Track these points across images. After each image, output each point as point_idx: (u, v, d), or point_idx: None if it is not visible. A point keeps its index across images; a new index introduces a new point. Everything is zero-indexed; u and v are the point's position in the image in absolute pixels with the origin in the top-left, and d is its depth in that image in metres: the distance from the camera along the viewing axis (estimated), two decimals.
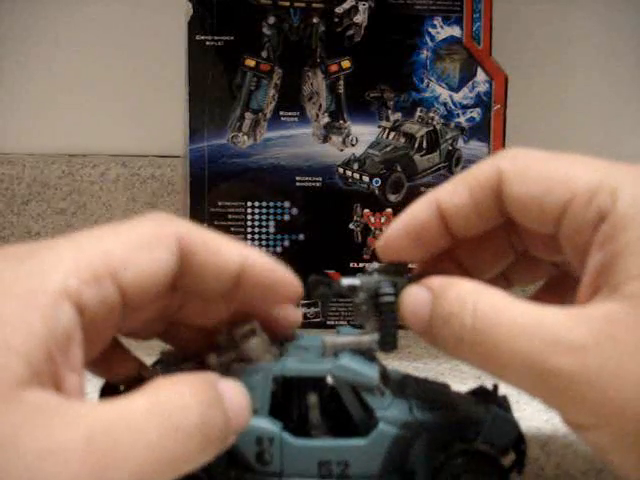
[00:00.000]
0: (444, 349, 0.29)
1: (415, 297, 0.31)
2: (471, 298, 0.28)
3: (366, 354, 0.34)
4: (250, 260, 0.29)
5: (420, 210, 0.32)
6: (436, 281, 0.30)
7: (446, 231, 0.31)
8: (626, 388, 0.24)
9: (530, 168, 0.29)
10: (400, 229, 0.32)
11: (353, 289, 0.34)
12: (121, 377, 0.32)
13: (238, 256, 0.29)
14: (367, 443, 0.33)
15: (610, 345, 0.25)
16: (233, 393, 0.27)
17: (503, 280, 0.35)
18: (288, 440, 0.33)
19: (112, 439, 0.22)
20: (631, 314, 0.25)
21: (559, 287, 0.35)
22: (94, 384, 0.36)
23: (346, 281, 0.34)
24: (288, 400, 0.35)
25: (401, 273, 0.34)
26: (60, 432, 0.22)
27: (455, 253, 0.33)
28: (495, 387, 0.38)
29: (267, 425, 0.33)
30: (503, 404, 0.37)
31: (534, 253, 0.33)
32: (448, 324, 0.28)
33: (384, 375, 0.35)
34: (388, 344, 0.34)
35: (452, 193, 0.31)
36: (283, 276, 0.31)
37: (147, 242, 0.27)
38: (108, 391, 0.34)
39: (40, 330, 0.23)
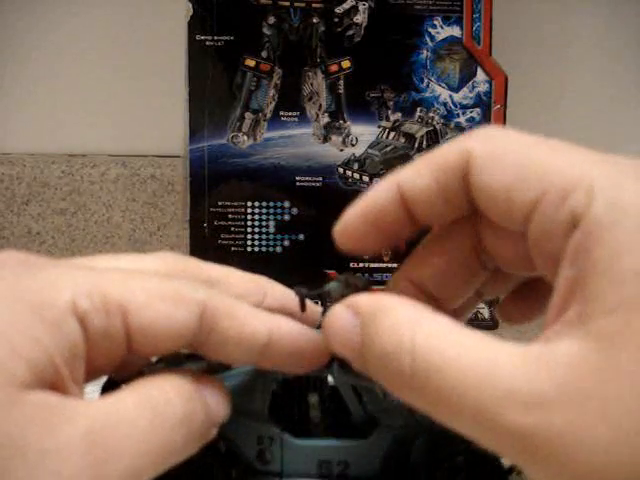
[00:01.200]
0: (382, 383, 0.24)
1: (340, 322, 0.25)
2: (408, 333, 0.23)
3: None
4: (277, 333, 0.27)
5: (380, 193, 0.28)
6: (364, 302, 0.25)
7: (409, 218, 0.27)
8: (595, 452, 0.20)
9: (503, 153, 0.25)
10: (358, 214, 0.29)
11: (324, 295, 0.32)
12: (124, 374, 0.32)
13: (265, 329, 0.27)
14: (367, 443, 0.33)
15: (576, 400, 0.20)
16: (212, 387, 0.27)
17: (474, 294, 0.31)
18: (288, 440, 0.33)
19: (109, 434, 0.23)
20: (601, 361, 0.20)
21: (531, 293, 0.31)
22: (94, 383, 0.36)
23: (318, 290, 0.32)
24: (289, 400, 0.35)
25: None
26: (61, 430, 0.22)
27: (422, 281, 0.29)
28: None
29: (267, 424, 0.33)
30: None
31: (507, 270, 0.28)
32: (383, 364, 0.23)
33: None
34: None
35: (415, 175, 0.27)
36: (311, 344, 0.29)
37: (171, 300, 0.25)
38: (110, 388, 0.34)
39: (46, 342, 0.23)
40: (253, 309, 0.28)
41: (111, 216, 0.72)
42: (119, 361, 0.27)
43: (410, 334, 0.23)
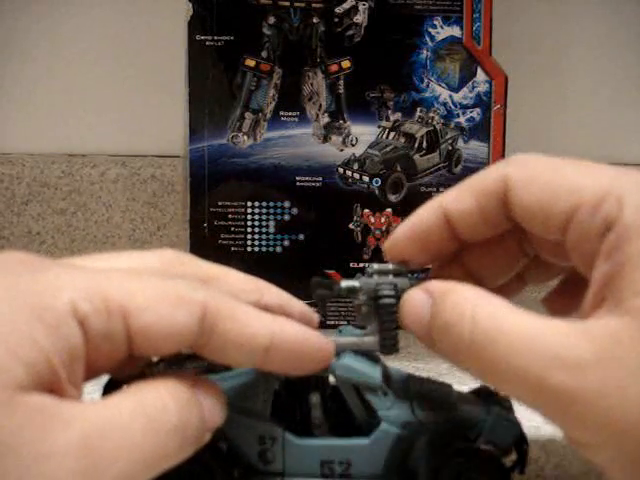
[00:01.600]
0: (444, 357, 0.28)
1: (415, 301, 0.30)
2: (470, 307, 0.27)
3: (368, 354, 0.34)
4: (279, 336, 0.28)
5: (426, 214, 0.31)
6: (436, 285, 0.29)
7: (452, 236, 0.31)
8: (628, 409, 0.24)
9: (537, 175, 0.28)
10: (406, 232, 0.32)
11: (353, 290, 0.34)
12: (125, 374, 0.32)
13: (267, 332, 0.27)
14: (369, 443, 0.33)
15: (612, 364, 0.24)
16: (208, 391, 0.27)
17: (517, 280, 0.34)
18: (290, 439, 0.33)
19: (103, 439, 0.23)
20: (634, 332, 0.24)
21: (573, 288, 0.33)
22: (95, 381, 0.36)
23: (345, 283, 0.34)
24: (290, 400, 0.35)
25: (401, 274, 0.34)
26: (56, 434, 0.22)
27: (466, 260, 0.33)
28: None
29: (269, 424, 0.33)
30: (505, 404, 0.37)
31: (545, 258, 0.32)
32: (446, 333, 0.27)
33: (386, 375, 0.35)
34: (388, 347, 0.34)
35: (458, 198, 0.30)
36: (314, 346, 0.29)
37: (171, 301, 0.26)
38: (111, 388, 0.34)
39: (45, 344, 0.23)
40: (255, 310, 0.28)
41: (111, 216, 0.72)
42: (120, 362, 0.27)
43: (471, 309, 0.27)
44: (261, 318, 0.28)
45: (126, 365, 0.28)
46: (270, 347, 0.27)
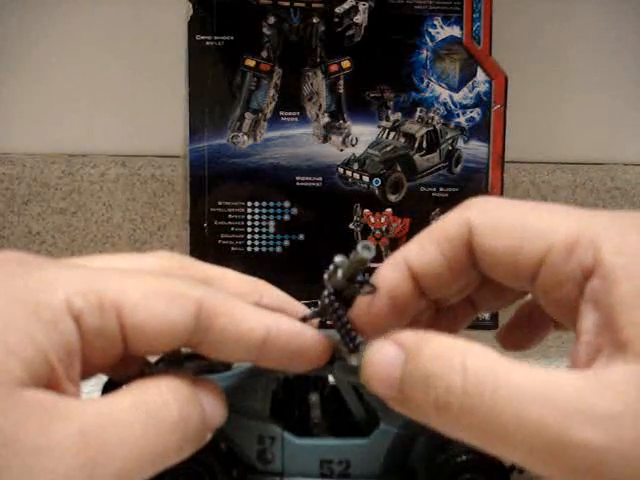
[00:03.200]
0: (420, 417, 0.24)
1: (383, 355, 0.25)
2: (458, 355, 0.24)
3: None
4: (275, 330, 0.27)
5: (390, 275, 0.29)
6: (409, 336, 0.25)
7: (420, 294, 0.29)
8: None
9: (502, 219, 0.27)
10: (376, 301, 0.29)
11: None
12: (123, 375, 0.32)
13: (263, 326, 0.27)
14: (368, 442, 0.33)
15: None
16: (209, 391, 0.27)
17: (468, 305, 0.33)
18: (289, 439, 0.33)
19: (103, 435, 0.23)
20: None
21: (528, 323, 0.33)
22: (95, 382, 0.36)
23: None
24: (289, 400, 0.35)
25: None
26: (55, 429, 0.23)
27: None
28: None
29: (268, 424, 0.33)
30: None
31: (501, 282, 0.29)
32: (427, 387, 0.23)
33: None
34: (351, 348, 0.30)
35: (420, 250, 0.29)
36: (310, 342, 0.29)
37: (166, 298, 0.26)
38: (111, 388, 0.34)
39: (41, 340, 0.23)
40: (250, 306, 0.28)
41: (111, 216, 0.72)
42: (116, 360, 0.27)
43: (460, 357, 0.23)
44: (257, 313, 0.28)
45: (123, 365, 0.28)
46: (266, 341, 0.27)
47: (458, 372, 0.23)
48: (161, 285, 0.26)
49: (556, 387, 0.22)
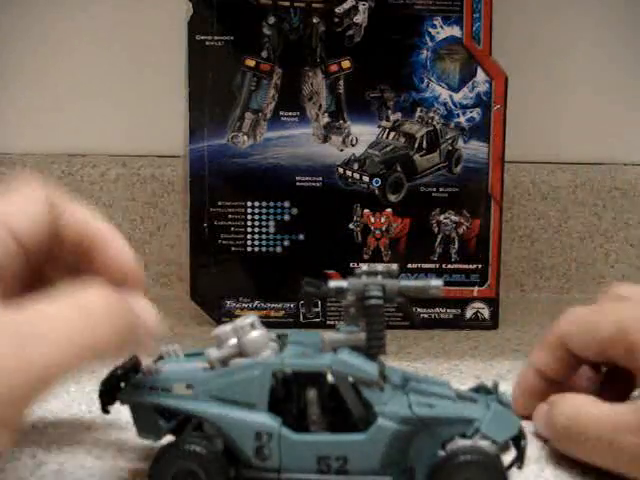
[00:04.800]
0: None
1: (541, 409, 0.41)
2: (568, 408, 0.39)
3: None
4: (96, 222, 0.36)
5: (530, 378, 0.43)
6: (553, 396, 0.41)
7: (547, 383, 0.43)
8: None
9: (581, 324, 0.41)
10: (521, 393, 0.44)
11: (340, 291, 0.34)
12: (121, 371, 0.36)
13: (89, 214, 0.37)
14: (366, 438, 0.33)
15: None
16: (140, 303, 0.33)
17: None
18: (287, 435, 0.33)
19: (35, 323, 0.27)
20: None
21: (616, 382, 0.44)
22: (95, 382, 0.37)
23: (334, 283, 0.34)
24: (287, 396, 0.35)
25: (391, 276, 0.34)
26: None
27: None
28: (495, 385, 0.38)
29: (266, 420, 0.33)
30: (503, 401, 0.37)
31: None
32: (558, 429, 0.39)
33: (382, 371, 0.35)
34: (375, 347, 0.34)
35: (543, 359, 0.43)
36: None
37: (31, 199, 0.34)
38: (107, 394, 0.35)
39: None
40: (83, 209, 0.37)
41: (111, 216, 0.72)
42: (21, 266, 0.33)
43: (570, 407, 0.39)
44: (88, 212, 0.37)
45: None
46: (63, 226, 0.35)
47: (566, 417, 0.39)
48: (24, 193, 0.34)
49: (621, 417, 0.36)
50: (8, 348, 0.26)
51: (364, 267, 0.34)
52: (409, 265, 0.62)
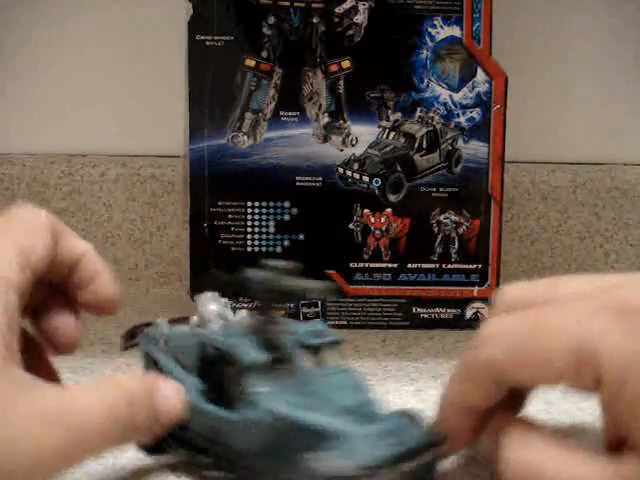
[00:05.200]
0: None
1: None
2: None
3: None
4: (89, 253, 0.37)
5: (453, 418, 0.35)
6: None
7: (474, 416, 0.35)
8: None
9: (518, 351, 0.32)
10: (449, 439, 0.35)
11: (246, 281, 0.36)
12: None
13: (85, 244, 0.37)
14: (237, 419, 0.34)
15: None
16: (166, 390, 0.33)
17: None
18: (196, 402, 0.35)
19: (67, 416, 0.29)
20: None
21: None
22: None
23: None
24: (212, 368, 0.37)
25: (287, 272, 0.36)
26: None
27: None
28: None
29: (189, 382, 0.36)
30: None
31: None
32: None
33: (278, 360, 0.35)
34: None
35: (468, 394, 0.34)
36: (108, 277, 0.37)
37: (38, 230, 0.34)
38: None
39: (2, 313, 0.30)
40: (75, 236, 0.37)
41: (111, 216, 0.72)
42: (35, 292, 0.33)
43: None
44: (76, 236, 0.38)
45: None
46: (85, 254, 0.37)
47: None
48: (31, 223, 0.34)
49: (585, 474, 0.29)
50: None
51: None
52: (409, 265, 0.62)
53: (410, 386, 0.50)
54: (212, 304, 0.40)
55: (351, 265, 0.62)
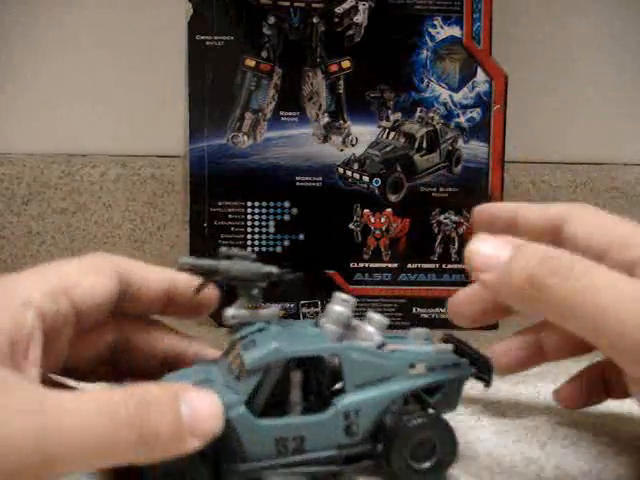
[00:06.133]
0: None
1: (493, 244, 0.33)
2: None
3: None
4: (175, 280, 0.37)
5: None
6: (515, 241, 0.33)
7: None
8: None
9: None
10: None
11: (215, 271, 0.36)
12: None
13: (166, 277, 0.37)
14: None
15: None
16: (197, 401, 0.29)
17: (538, 352, 0.43)
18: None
19: (60, 421, 0.27)
20: None
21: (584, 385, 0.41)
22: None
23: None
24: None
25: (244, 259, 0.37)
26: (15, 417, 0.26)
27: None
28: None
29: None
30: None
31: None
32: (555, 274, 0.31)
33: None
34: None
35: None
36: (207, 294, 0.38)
37: (93, 269, 0.34)
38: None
39: (7, 327, 0.29)
40: (156, 267, 0.37)
41: (111, 216, 0.72)
42: (75, 337, 0.33)
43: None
44: (161, 269, 0.37)
45: (83, 343, 0.35)
46: (170, 289, 0.37)
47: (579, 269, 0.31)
48: (88, 262, 0.34)
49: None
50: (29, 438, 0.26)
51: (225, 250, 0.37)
52: (409, 265, 0.62)
53: None
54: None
55: (351, 265, 0.62)
